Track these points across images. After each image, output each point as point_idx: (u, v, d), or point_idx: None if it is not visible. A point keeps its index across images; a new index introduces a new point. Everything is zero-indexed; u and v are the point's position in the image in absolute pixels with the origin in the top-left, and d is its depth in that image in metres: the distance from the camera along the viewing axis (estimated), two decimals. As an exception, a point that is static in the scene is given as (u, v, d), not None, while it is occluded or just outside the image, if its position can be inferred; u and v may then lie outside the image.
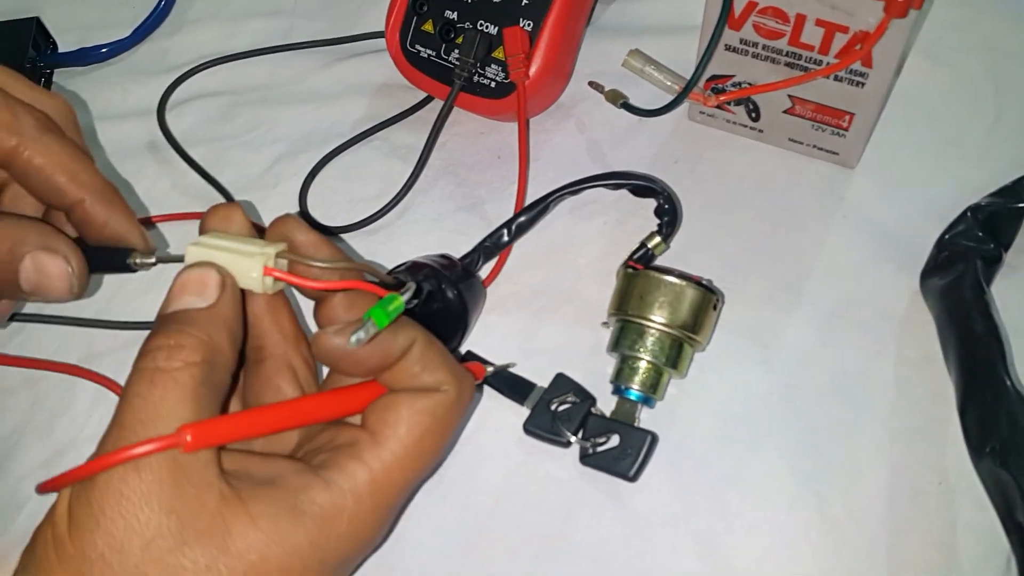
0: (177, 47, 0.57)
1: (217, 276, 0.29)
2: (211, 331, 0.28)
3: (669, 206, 0.43)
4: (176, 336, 0.27)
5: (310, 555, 0.27)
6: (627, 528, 0.38)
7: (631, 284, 0.40)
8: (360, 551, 0.30)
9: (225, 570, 0.25)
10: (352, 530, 0.28)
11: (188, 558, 0.25)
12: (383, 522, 0.30)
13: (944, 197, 0.44)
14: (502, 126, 0.51)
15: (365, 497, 0.28)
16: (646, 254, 0.42)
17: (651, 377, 0.39)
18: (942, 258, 0.41)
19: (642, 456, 0.37)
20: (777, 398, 0.40)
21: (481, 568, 0.37)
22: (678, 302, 0.39)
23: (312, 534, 0.27)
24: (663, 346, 0.39)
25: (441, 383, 0.30)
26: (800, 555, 0.36)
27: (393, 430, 0.29)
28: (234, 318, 0.29)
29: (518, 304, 0.44)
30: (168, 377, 0.26)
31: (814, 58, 0.42)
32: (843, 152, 0.46)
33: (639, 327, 0.39)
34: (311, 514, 0.27)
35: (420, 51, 0.50)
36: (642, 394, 0.39)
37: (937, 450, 0.38)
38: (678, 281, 0.39)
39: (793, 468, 0.38)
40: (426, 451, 0.30)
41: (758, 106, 0.46)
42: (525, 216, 0.44)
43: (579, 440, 0.38)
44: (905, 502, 0.37)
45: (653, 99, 0.48)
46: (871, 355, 0.40)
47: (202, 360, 0.27)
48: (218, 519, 0.26)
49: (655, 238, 0.42)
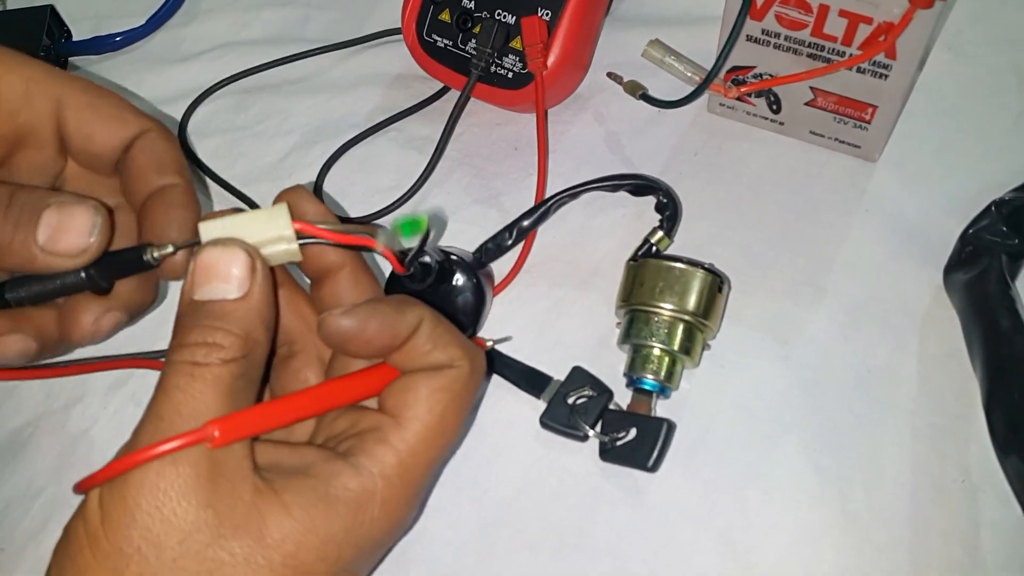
0: (191, 36, 0.57)
1: (245, 259, 0.28)
2: (247, 326, 0.27)
3: (668, 201, 0.43)
4: (212, 334, 0.27)
5: (345, 540, 0.27)
6: (646, 523, 0.37)
7: (635, 275, 0.40)
8: (392, 533, 0.30)
9: (263, 560, 0.26)
10: (384, 513, 0.28)
11: (226, 551, 0.25)
12: (413, 502, 0.30)
13: (967, 191, 0.43)
14: (518, 117, 0.50)
15: (395, 479, 0.29)
16: (650, 250, 0.42)
17: (664, 365, 0.39)
18: (966, 253, 0.40)
19: (659, 445, 0.37)
20: (798, 394, 0.39)
21: (498, 563, 0.37)
22: (683, 287, 0.39)
23: (346, 520, 0.27)
24: (673, 332, 0.39)
25: (453, 359, 0.30)
26: (821, 553, 0.36)
27: (414, 411, 0.29)
28: (268, 305, 0.28)
29: (535, 297, 0.44)
30: (207, 371, 0.26)
31: (837, 49, 0.41)
32: (865, 145, 0.45)
33: (647, 315, 0.39)
34: (344, 500, 0.27)
35: (437, 41, 0.49)
36: (656, 383, 0.38)
37: (960, 447, 0.38)
38: (681, 266, 0.39)
39: (814, 465, 0.38)
40: (448, 428, 0.30)
41: (779, 98, 0.46)
42: (527, 220, 0.43)
43: (598, 435, 0.38)
44: (928, 500, 0.37)
45: (672, 90, 0.48)
46: (893, 351, 0.40)
47: (240, 356, 0.27)
48: (254, 511, 0.26)
49: (658, 233, 0.42)
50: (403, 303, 0.30)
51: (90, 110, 0.33)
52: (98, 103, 0.33)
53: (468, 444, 0.40)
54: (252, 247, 0.28)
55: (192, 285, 0.28)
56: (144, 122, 0.34)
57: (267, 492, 0.27)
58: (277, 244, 0.29)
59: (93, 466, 0.40)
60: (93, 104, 0.33)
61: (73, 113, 0.33)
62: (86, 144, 0.34)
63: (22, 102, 0.32)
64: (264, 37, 0.56)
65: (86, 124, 0.33)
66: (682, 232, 0.44)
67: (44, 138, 0.33)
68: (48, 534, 0.40)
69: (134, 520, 0.25)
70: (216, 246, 0.28)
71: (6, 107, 0.32)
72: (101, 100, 0.34)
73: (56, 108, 0.33)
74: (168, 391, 0.26)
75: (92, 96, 0.33)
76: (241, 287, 0.27)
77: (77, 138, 0.33)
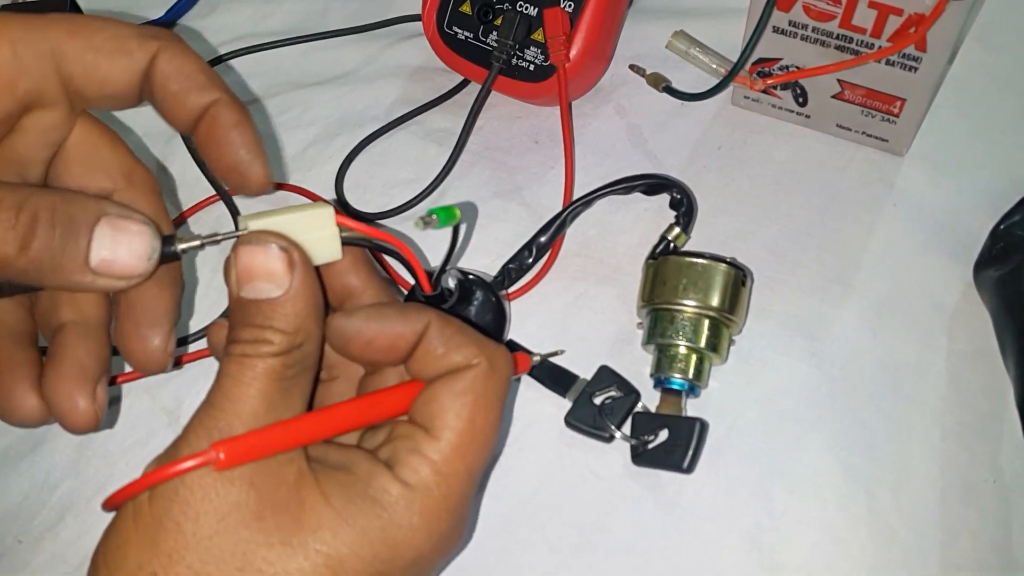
0: (211, 28, 0.56)
1: (282, 255, 0.27)
2: (293, 321, 0.27)
3: (682, 196, 0.42)
4: (260, 332, 0.27)
5: (380, 540, 0.27)
6: (669, 522, 0.37)
7: (656, 273, 0.39)
8: (437, 548, 0.29)
9: (297, 544, 0.26)
10: (424, 522, 0.28)
11: (263, 532, 0.25)
12: (456, 515, 0.29)
13: (997, 186, 0.43)
14: (539, 110, 0.50)
15: (433, 489, 0.28)
16: (668, 247, 0.41)
17: (691, 363, 0.38)
18: (997, 249, 0.40)
19: (693, 445, 0.36)
20: (825, 391, 0.39)
21: (519, 560, 0.37)
22: (705, 282, 0.38)
23: (383, 521, 0.27)
24: (698, 329, 0.38)
25: (470, 358, 0.29)
26: (849, 553, 0.35)
27: (443, 420, 0.29)
28: (312, 295, 0.28)
29: (556, 291, 0.43)
30: (257, 362, 0.26)
31: (866, 41, 0.41)
32: (893, 139, 0.45)
33: (670, 314, 0.38)
34: (382, 502, 0.27)
35: (457, 33, 0.49)
36: (685, 382, 0.38)
37: (991, 447, 0.37)
38: (702, 261, 0.39)
39: (842, 464, 0.37)
40: (480, 431, 0.29)
41: (805, 91, 0.45)
42: (544, 235, 0.42)
43: (627, 438, 0.37)
44: (958, 500, 0.36)
45: (695, 83, 0.47)
46: (923, 348, 0.39)
47: (289, 348, 0.27)
48: (294, 495, 0.26)
49: (675, 230, 0.41)
50: (409, 307, 0.30)
51: (92, 52, 0.29)
52: (96, 41, 0.29)
53: (489, 440, 0.39)
54: (289, 240, 0.27)
55: (237, 283, 0.27)
56: (150, 44, 0.30)
57: (309, 478, 0.27)
58: (319, 242, 0.29)
59: (109, 459, 0.41)
60: (92, 44, 0.29)
61: (75, 63, 0.29)
62: (100, 89, 0.30)
63: (15, 70, 0.29)
64: (284, 28, 0.56)
65: (93, 70, 0.29)
66: (706, 227, 0.44)
67: (52, 99, 0.30)
68: (65, 527, 0.40)
69: (177, 494, 0.25)
70: (252, 244, 0.27)
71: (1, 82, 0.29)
72: (98, 36, 0.30)
73: (55, 63, 0.29)
74: (221, 381, 0.27)
75: (87, 35, 0.30)
76: (281, 284, 0.27)
77: (89, 88, 0.30)
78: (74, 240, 0.26)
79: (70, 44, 0.29)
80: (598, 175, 0.46)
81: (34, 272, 0.26)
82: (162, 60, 0.30)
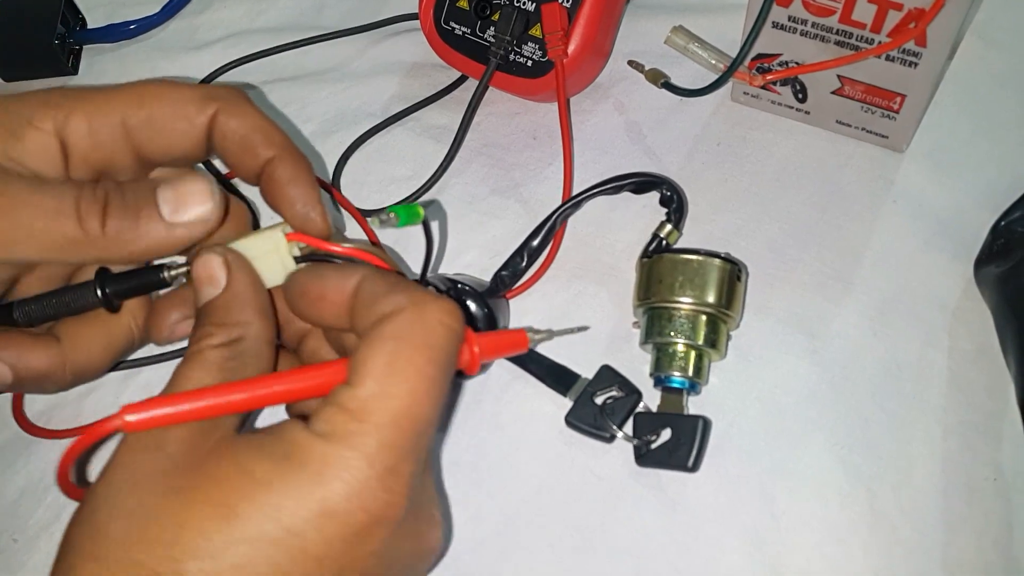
0: (206, 24, 0.56)
1: (218, 260, 0.30)
2: (230, 314, 0.29)
3: (672, 193, 0.42)
4: (205, 328, 0.29)
5: (297, 507, 0.25)
6: (670, 522, 0.37)
7: (650, 272, 0.39)
8: (370, 524, 0.26)
9: (203, 498, 0.25)
10: (345, 487, 0.25)
11: (184, 504, 0.25)
12: (386, 479, 0.26)
13: (998, 182, 0.42)
14: (537, 106, 0.49)
15: (354, 439, 0.26)
16: (660, 244, 0.41)
17: (691, 360, 0.38)
18: (998, 246, 0.39)
19: (697, 443, 0.36)
20: (826, 390, 0.39)
21: (519, 560, 0.36)
22: (701, 279, 0.38)
23: (304, 486, 0.25)
24: (696, 325, 0.38)
25: (398, 305, 0.28)
26: (850, 553, 0.35)
27: (363, 368, 0.27)
28: (248, 290, 0.30)
29: (555, 287, 0.43)
30: (199, 355, 0.29)
31: (865, 36, 0.41)
32: (893, 135, 0.44)
33: (667, 311, 0.38)
34: (300, 460, 0.26)
35: (454, 28, 0.48)
36: (685, 380, 0.38)
37: (992, 445, 0.37)
38: (697, 258, 0.38)
39: (843, 462, 0.37)
40: (404, 377, 0.27)
41: (805, 86, 0.45)
42: (536, 239, 0.42)
43: (629, 438, 0.37)
44: (960, 498, 0.36)
45: (694, 79, 0.47)
46: (923, 346, 0.39)
47: (228, 340, 0.29)
48: (213, 461, 0.26)
49: (666, 227, 0.41)
50: (347, 264, 0.30)
51: (155, 123, 0.32)
52: (158, 112, 0.32)
53: (487, 438, 0.39)
54: (225, 248, 0.31)
55: (195, 296, 0.31)
56: (209, 107, 0.32)
57: (228, 446, 0.27)
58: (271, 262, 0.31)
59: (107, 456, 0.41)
60: (155, 115, 0.32)
61: (141, 133, 0.32)
62: (166, 154, 0.33)
63: (91, 144, 0.31)
64: (279, 24, 0.55)
65: (158, 139, 0.32)
66: (705, 224, 0.43)
67: (123, 165, 0.32)
68: (61, 525, 0.38)
69: (104, 472, 0.27)
70: (200, 257, 0.30)
71: (78, 156, 0.31)
72: (159, 106, 0.32)
73: (125, 134, 0.32)
74: (174, 375, 0.29)
75: (150, 106, 0.32)
76: (219, 283, 0.30)
77: (156, 154, 0.32)
78: (145, 207, 0.30)
79: (136, 116, 0.32)
80: (596, 171, 0.46)
81: (118, 242, 0.30)
82: (220, 122, 0.32)
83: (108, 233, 0.30)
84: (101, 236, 0.30)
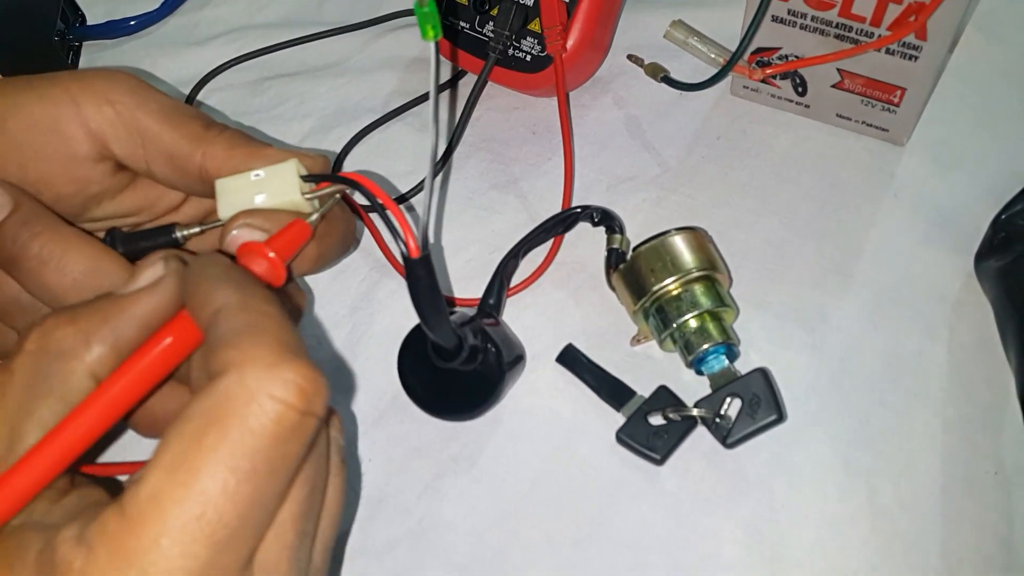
0: (206, 20, 0.56)
1: None
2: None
3: (597, 214, 0.42)
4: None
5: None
6: (668, 514, 0.36)
7: (627, 279, 0.39)
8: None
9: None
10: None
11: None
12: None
13: (998, 176, 0.42)
14: (536, 101, 0.49)
15: (121, 567, 0.20)
16: (618, 253, 0.41)
17: (710, 327, 0.37)
18: (998, 239, 0.39)
19: (773, 391, 0.36)
20: (826, 383, 0.39)
21: (516, 554, 0.36)
22: (670, 255, 0.38)
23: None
24: (694, 295, 0.38)
25: (228, 364, 0.21)
26: (849, 546, 0.35)
27: (155, 457, 0.21)
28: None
29: (554, 284, 0.43)
30: None
31: (865, 30, 0.40)
32: (893, 128, 0.44)
33: (663, 301, 0.38)
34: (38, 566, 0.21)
35: (454, 23, 0.48)
36: (718, 346, 0.37)
37: (993, 438, 0.37)
38: (653, 242, 0.39)
39: (842, 455, 0.37)
40: (197, 477, 0.20)
41: (805, 80, 0.45)
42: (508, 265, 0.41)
43: (707, 418, 0.37)
44: (959, 492, 0.36)
45: (694, 73, 0.47)
46: (923, 340, 0.39)
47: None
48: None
49: (614, 238, 0.41)
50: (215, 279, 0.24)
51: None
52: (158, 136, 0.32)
53: (485, 432, 0.39)
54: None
55: None
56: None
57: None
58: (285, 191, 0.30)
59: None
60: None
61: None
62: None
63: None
64: (279, 20, 0.55)
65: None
66: (705, 218, 0.43)
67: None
68: None
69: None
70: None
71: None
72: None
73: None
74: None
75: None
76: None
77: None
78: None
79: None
80: (596, 166, 0.46)
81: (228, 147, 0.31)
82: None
83: (223, 136, 0.31)
84: (218, 135, 0.31)
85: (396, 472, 0.39)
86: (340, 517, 0.28)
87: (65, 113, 0.31)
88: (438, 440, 0.39)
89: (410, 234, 0.29)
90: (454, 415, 0.39)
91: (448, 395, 0.39)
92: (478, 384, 0.38)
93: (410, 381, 0.39)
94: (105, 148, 0.31)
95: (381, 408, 0.40)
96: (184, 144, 0.31)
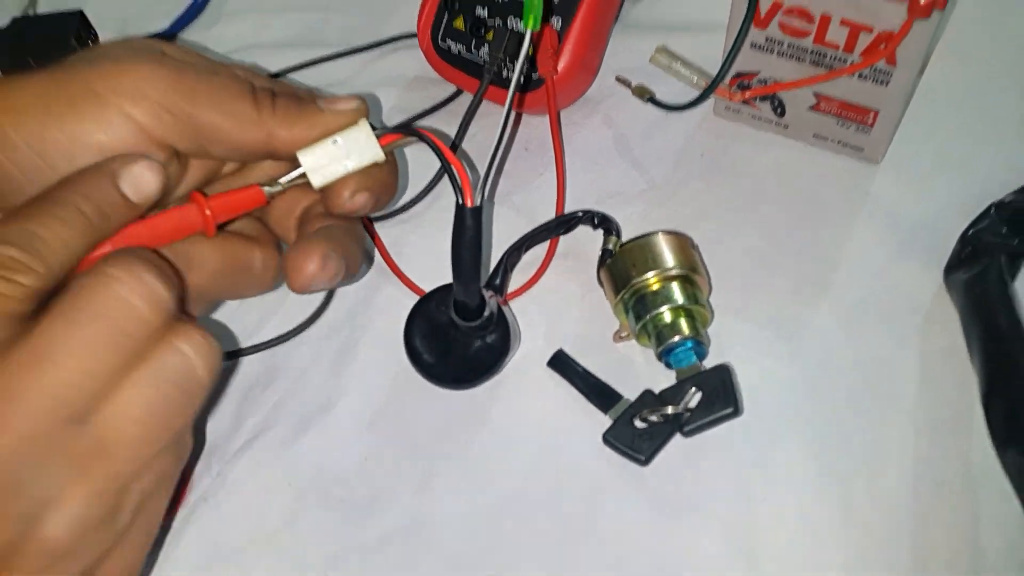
0: (214, 38, 0.58)
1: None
2: None
3: (597, 218, 0.44)
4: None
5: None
6: (650, 514, 0.38)
7: (612, 272, 0.41)
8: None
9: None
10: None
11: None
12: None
13: (968, 193, 0.44)
14: (529, 119, 0.51)
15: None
16: (610, 253, 0.43)
17: (682, 322, 0.39)
18: (966, 253, 0.41)
19: (730, 386, 0.38)
20: (802, 389, 0.40)
21: (506, 550, 0.38)
22: (652, 253, 0.41)
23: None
24: (670, 291, 0.40)
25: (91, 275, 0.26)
26: (824, 544, 0.36)
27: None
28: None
29: (547, 290, 0.45)
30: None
31: (839, 56, 0.42)
32: (868, 148, 0.46)
33: (640, 293, 0.40)
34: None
35: (451, 47, 0.50)
36: (688, 341, 0.39)
37: (962, 442, 0.38)
38: (645, 238, 0.41)
39: (817, 458, 0.38)
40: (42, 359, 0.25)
41: (783, 102, 0.47)
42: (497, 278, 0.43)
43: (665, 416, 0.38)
44: (929, 493, 0.37)
45: (679, 95, 0.49)
46: (896, 348, 0.41)
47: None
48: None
49: (610, 240, 0.43)
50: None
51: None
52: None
53: (476, 433, 0.41)
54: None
55: None
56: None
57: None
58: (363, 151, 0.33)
59: None
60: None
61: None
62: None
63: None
64: (284, 40, 0.58)
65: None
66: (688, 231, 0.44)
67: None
68: None
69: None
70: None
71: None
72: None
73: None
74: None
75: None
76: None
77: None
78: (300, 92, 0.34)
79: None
80: (586, 180, 0.48)
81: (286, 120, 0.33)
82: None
83: (278, 112, 0.32)
84: (272, 115, 0.32)
85: (390, 471, 0.40)
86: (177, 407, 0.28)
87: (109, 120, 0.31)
88: (431, 440, 0.41)
89: (467, 183, 0.32)
90: (454, 383, 0.41)
91: (451, 363, 0.41)
92: (482, 355, 0.41)
93: (416, 347, 0.41)
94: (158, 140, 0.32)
95: (377, 410, 0.42)
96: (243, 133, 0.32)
